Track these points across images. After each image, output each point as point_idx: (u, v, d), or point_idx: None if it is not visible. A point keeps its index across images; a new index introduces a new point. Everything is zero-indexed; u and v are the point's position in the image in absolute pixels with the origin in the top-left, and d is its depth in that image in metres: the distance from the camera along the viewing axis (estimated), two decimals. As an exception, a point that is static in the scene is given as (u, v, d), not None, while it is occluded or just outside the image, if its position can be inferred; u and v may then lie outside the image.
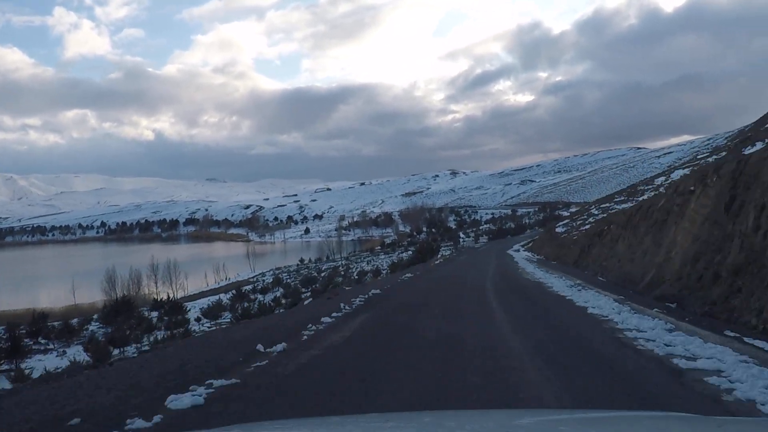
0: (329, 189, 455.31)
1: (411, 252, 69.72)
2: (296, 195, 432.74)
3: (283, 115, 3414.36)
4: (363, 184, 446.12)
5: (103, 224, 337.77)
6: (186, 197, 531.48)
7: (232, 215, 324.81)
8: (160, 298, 47.23)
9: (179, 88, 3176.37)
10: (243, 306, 36.94)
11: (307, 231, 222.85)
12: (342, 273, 61.86)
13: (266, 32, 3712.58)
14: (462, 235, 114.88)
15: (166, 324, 33.78)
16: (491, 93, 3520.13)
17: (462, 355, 8.64)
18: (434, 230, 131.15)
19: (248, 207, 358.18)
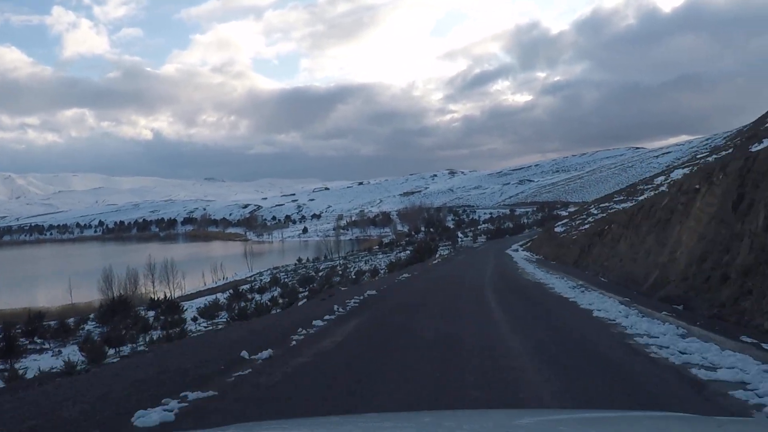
0: (327, 188, 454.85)
1: (409, 251, 69.42)
2: (294, 194, 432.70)
3: (282, 115, 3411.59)
4: (361, 184, 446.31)
5: (101, 223, 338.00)
6: (184, 196, 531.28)
7: (230, 214, 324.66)
8: (157, 298, 46.88)
9: (177, 88, 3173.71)
10: (240, 306, 36.61)
11: (305, 230, 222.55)
12: (340, 272, 61.54)
13: (264, 32, 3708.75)
14: (460, 235, 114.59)
15: (162, 324, 33.46)
16: (490, 93, 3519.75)
17: (460, 356, 8.28)
18: (432, 230, 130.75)
19: (246, 206, 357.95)
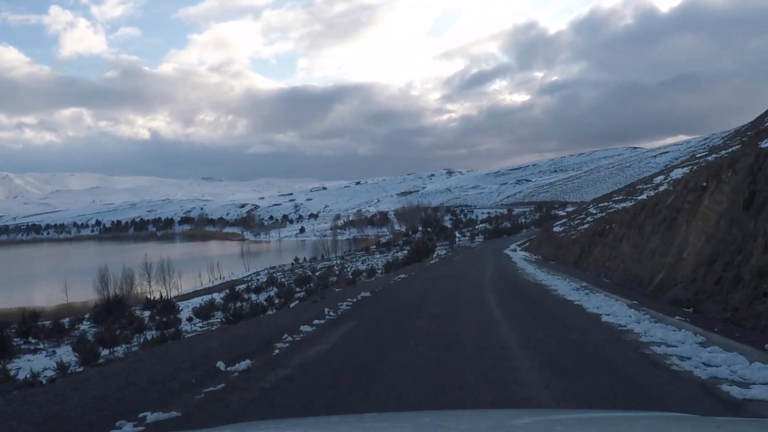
0: (325, 188, 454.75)
1: (406, 251, 69.21)
2: (292, 194, 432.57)
3: (279, 115, 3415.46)
4: (359, 184, 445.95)
5: (98, 223, 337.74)
6: (181, 196, 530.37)
7: (228, 214, 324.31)
8: (153, 298, 46.70)
9: (175, 87, 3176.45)
10: (235, 306, 36.48)
11: (303, 230, 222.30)
12: (337, 272, 61.27)
13: (262, 31, 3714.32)
14: (458, 235, 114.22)
15: (157, 324, 33.27)
16: (487, 93, 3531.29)
17: (461, 376, 7.41)
18: (430, 229, 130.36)
19: (244, 206, 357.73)
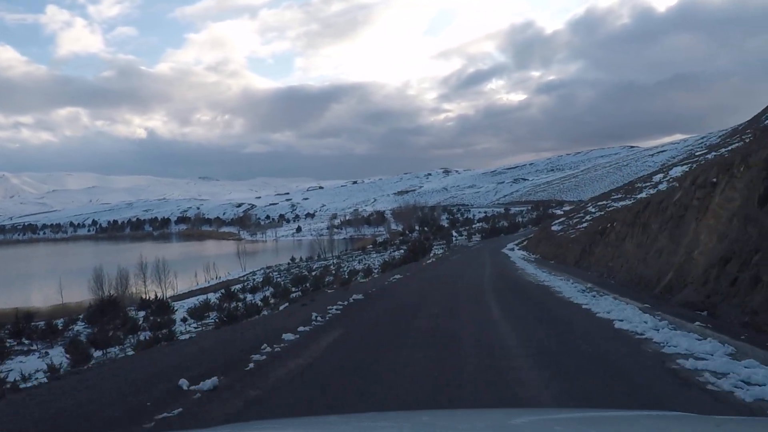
0: (321, 187, 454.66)
1: (403, 251, 68.97)
2: (288, 193, 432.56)
3: (276, 114, 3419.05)
4: (355, 183, 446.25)
5: (95, 222, 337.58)
6: (178, 196, 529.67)
7: (224, 213, 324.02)
8: (148, 298, 46.32)
9: (172, 87, 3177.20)
10: (230, 306, 36.06)
11: (299, 229, 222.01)
12: (333, 272, 60.98)
13: (259, 31, 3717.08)
14: (455, 234, 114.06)
15: (151, 324, 32.91)
16: (484, 92, 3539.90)
17: (461, 395, 6.44)
18: (427, 229, 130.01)
19: (240, 205, 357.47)
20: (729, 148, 40.68)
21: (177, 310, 39.35)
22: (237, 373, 7.64)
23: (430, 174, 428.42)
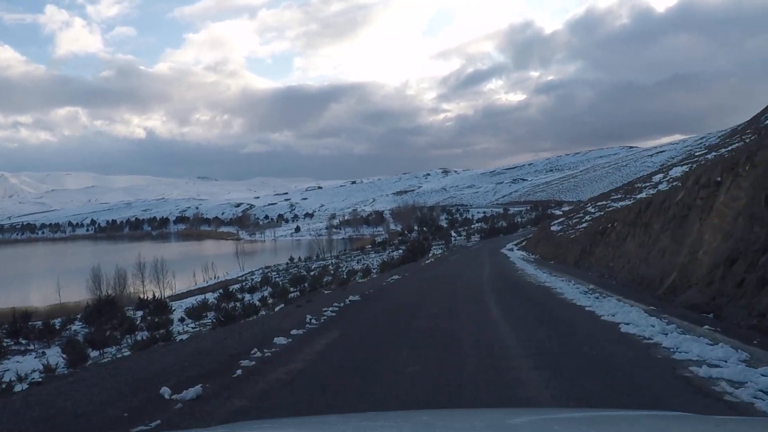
0: (320, 187, 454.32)
1: (402, 251, 68.89)
2: (287, 193, 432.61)
3: (275, 114, 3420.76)
4: (354, 183, 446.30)
5: (93, 222, 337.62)
6: (177, 195, 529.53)
7: (223, 213, 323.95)
8: (146, 297, 46.17)
9: (171, 87, 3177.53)
10: (228, 306, 35.93)
11: (298, 229, 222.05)
12: (331, 272, 60.90)
13: (258, 31, 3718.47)
14: (453, 234, 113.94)
15: (149, 324, 32.77)
16: (483, 92, 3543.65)
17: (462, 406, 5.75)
18: (425, 229, 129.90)
19: (239, 205, 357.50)
20: (729, 149, 40.58)
21: (175, 310, 39.25)
22: (223, 381, 7.25)
23: (429, 174, 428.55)
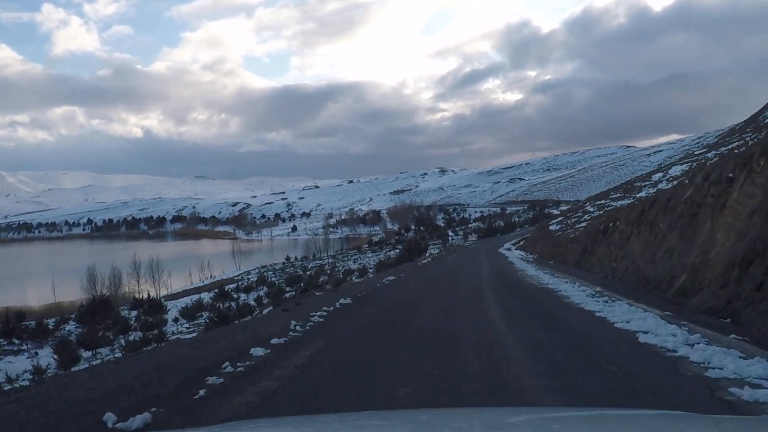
0: (317, 187, 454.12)
1: (399, 250, 68.63)
2: (284, 193, 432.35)
3: (272, 113, 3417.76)
4: (351, 182, 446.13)
5: (90, 221, 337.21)
6: (174, 195, 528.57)
7: (220, 213, 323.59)
8: (141, 297, 45.84)
9: (168, 86, 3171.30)
10: (223, 306, 35.54)
11: (295, 229, 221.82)
12: (328, 271, 60.66)
13: (255, 30, 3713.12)
14: (451, 234, 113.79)
15: (142, 324, 32.42)
16: (480, 91, 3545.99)
17: None
18: (422, 228, 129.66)
19: (236, 204, 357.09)
20: (728, 147, 40.31)
21: (170, 310, 38.91)
22: (181, 403, 6.26)
23: (426, 173, 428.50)
